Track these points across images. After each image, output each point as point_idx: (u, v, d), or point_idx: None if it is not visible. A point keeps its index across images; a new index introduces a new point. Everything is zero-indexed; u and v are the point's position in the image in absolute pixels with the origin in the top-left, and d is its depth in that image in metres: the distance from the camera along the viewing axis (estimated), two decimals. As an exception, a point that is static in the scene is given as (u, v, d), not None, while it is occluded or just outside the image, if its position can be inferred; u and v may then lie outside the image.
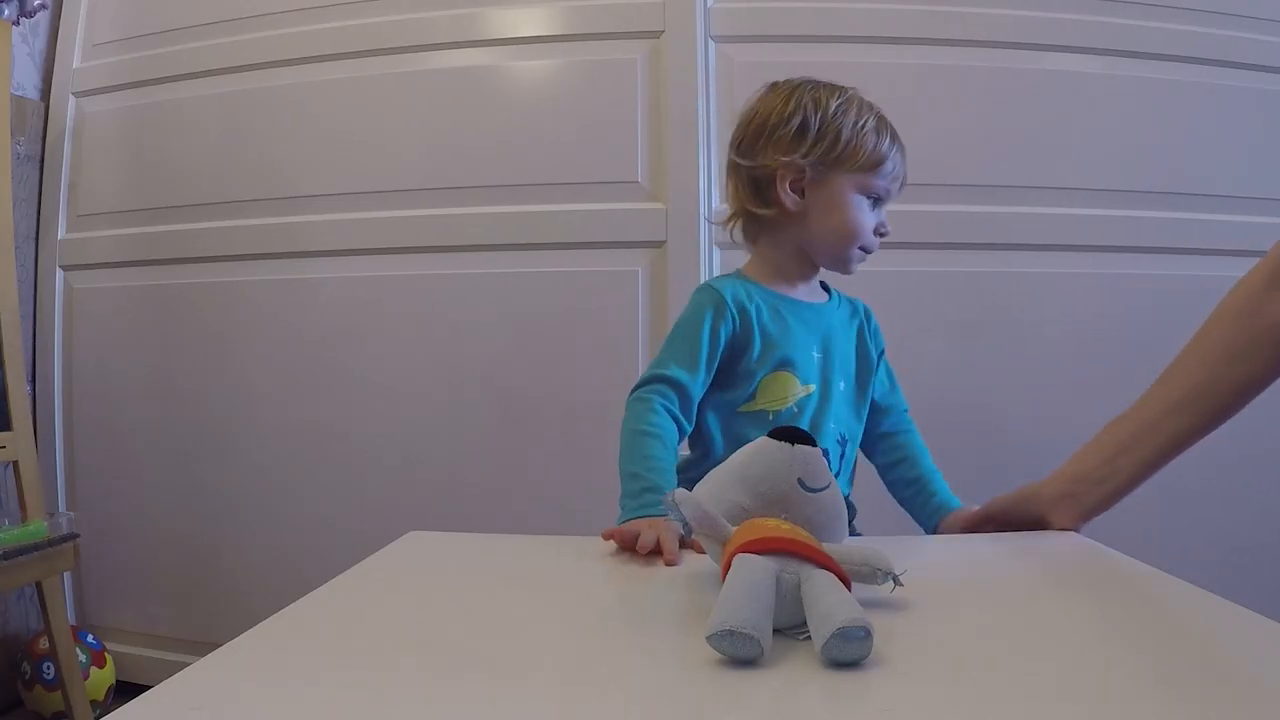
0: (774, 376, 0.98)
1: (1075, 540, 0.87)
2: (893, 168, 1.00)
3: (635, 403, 0.95)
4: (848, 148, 0.98)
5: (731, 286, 1.00)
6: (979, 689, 0.47)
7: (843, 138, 0.98)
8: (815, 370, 1.00)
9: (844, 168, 0.98)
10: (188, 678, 0.47)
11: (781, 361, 0.98)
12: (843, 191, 0.99)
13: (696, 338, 0.96)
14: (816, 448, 0.65)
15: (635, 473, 0.89)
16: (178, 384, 1.91)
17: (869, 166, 0.98)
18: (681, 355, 0.96)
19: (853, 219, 0.99)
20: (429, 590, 0.70)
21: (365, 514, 1.78)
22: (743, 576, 0.53)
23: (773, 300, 1.01)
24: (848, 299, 1.10)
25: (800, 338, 1.00)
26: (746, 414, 0.98)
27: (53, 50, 2.00)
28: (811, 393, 0.99)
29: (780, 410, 0.98)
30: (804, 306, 1.03)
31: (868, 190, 0.99)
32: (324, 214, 1.83)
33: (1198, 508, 1.58)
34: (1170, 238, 1.70)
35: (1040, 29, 1.71)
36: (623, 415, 0.95)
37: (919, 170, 1.68)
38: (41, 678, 1.72)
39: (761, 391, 0.98)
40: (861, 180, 0.99)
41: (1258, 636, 0.55)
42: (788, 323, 1.00)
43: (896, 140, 1.01)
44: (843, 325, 1.06)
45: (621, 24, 1.74)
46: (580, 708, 0.45)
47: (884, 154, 0.99)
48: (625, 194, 1.73)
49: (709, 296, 0.99)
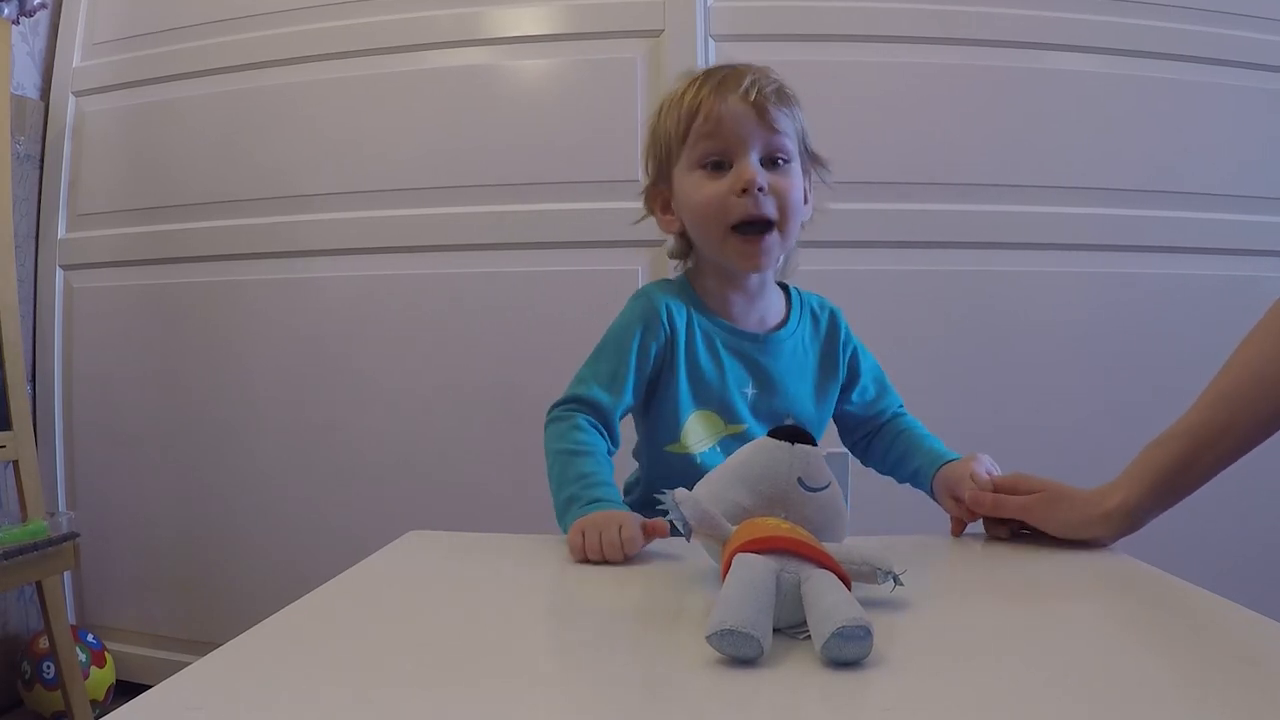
0: (698, 415, 0.91)
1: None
2: (705, 118, 0.86)
3: (556, 422, 0.88)
4: (668, 139, 0.90)
5: (668, 301, 0.91)
6: (979, 689, 0.47)
7: (663, 134, 0.91)
8: (746, 409, 0.92)
9: (674, 161, 0.91)
10: (188, 678, 0.47)
11: (706, 399, 0.91)
12: (682, 186, 0.90)
13: (625, 355, 0.89)
14: (817, 447, 0.65)
15: (571, 495, 0.81)
16: (178, 384, 1.91)
17: (682, 137, 0.88)
18: (604, 374, 0.89)
19: (692, 202, 0.89)
20: (429, 590, 0.70)
21: (365, 514, 1.77)
22: (743, 576, 0.53)
23: (708, 327, 0.92)
24: (813, 312, 0.99)
25: (731, 372, 0.92)
26: (672, 454, 0.92)
27: (53, 50, 2.00)
28: (741, 432, 0.91)
29: (704, 451, 0.91)
30: (742, 337, 0.93)
31: (695, 160, 0.88)
32: (324, 213, 1.82)
33: (1198, 507, 1.58)
34: (1169, 236, 1.70)
35: (1039, 28, 1.71)
36: (543, 435, 0.88)
37: (919, 170, 1.68)
38: (41, 677, 1.72)
39: (687, 432, 0.91)
40: (688, 157, 0.88)
41: (1262, 637, 0.55)
42: (719, 357, 0.92)
43: (707, 85, 0.87)
44: (794, 353, 0.95)
45: (621, 23, 1.74)
46: (580, 708, 0.45)
47: (691, 115, 0.87)
48: (625, 194, 1.72)
49: (642, 308, 0.91)
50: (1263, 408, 0.78)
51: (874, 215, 1.67)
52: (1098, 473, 0.85)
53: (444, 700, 0.45)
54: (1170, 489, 0.80)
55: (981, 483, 0.86)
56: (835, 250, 1.65)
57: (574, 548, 0.75)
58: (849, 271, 1.65)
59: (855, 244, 1.67)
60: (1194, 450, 0.79)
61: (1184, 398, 0.83)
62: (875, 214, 1.67)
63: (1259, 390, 0.78)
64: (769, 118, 0.87)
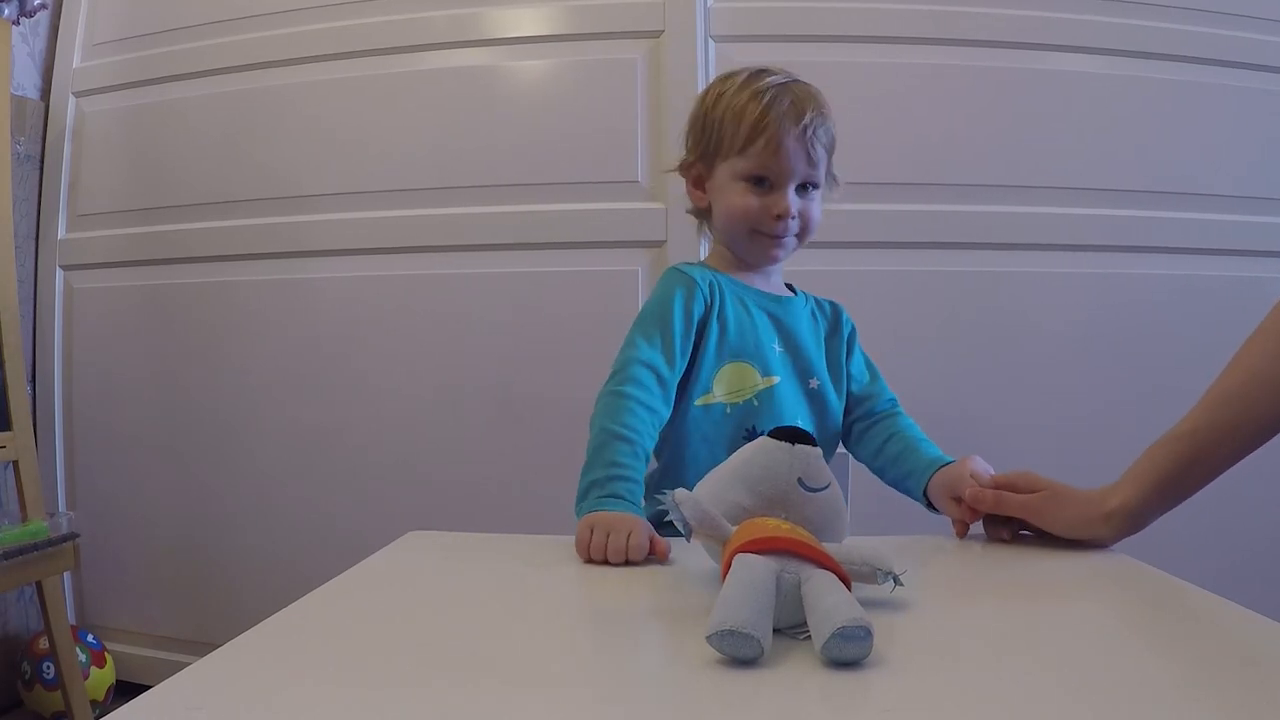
0: (732, 366, 0.95)
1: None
2: (765, 145, 0.93)
3: (609, 396, 0.89)
4: (719, 136, 0.96)
5: (699, 270, 0.98)
6: (979, 689, 0.47)
7: (714, 127, 0.97)
8: (778, 363, 0.97)
9: (721, 156, 0.97)
10: (188, 678, 0.47)
11: (740, 351, 0.95)
12: (723, 179, 0.97)
13: (669, 319, 0.93)
14: (817, 447, 0.65)
15: (596, 480, 0.83)
16: (177, 384, 1.91)
17: (739, 149, 0.95)
18: (654, 337, 0.92)
19: (730, 204, 0.96)
20: (429, 590, 0.70)
21: (365, 514, 1.78)
22: (743, 576, 0.53)
23: (737, 289, 0.99)
24: (815, 300, 1.07)
25: (763, 327, 0.97)
26: (702, 408, 0.94)
27: (53, 50, 2.00)
28: (774, 384, 0.95)
29: (738, 403, 0.94)
30: (767, 298, 1.01)
31: (742, 173, 0.95)
32: (324, 214, 1.82)
33: (1198, 508, 1.58)
34: (1170, 237, 1.70)
35: (1039, 29, 1.71)
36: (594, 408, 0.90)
37: (919, 170, 1.68)
38: (41, 678, 1.72)
39: (719, 382, 0.94)
40: (735, 164, 0.96)
41: (1262, 637, 0.55)
42: (750, 312, 0.98)
43: (774, 111, 0.93)
44: (808, 323, 1.02)
45: (621, 24, 1.74)
46: (580, 708, 0.45)
47: (752, 134, 0.93)
48: (625, 194, 1.73)
49: (677, 278, 0.96)
50: (1265, 409, 0.78)
51: (874, 216, 1.67)
52: (1099, 473, 0.84)
53: (444, 700, 0.45)
54: (1172, 490, 0.80)
55: (982, 480, 0.86)
56: (836, 251, 1.65)
57: (580, 541, 0.76)
58: (850, 272, 1.65)
59: (856, 244, 1.67)
60: (1196, 451, 0.79)
61: (1185, 399, 0.83)
62: (875, 214, 1.67)
63: (1261, 391, 0.78)
64: (814, 155, 0.96)
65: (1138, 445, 0.83)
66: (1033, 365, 1.69)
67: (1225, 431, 0.79)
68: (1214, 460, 0.79)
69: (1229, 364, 0.81)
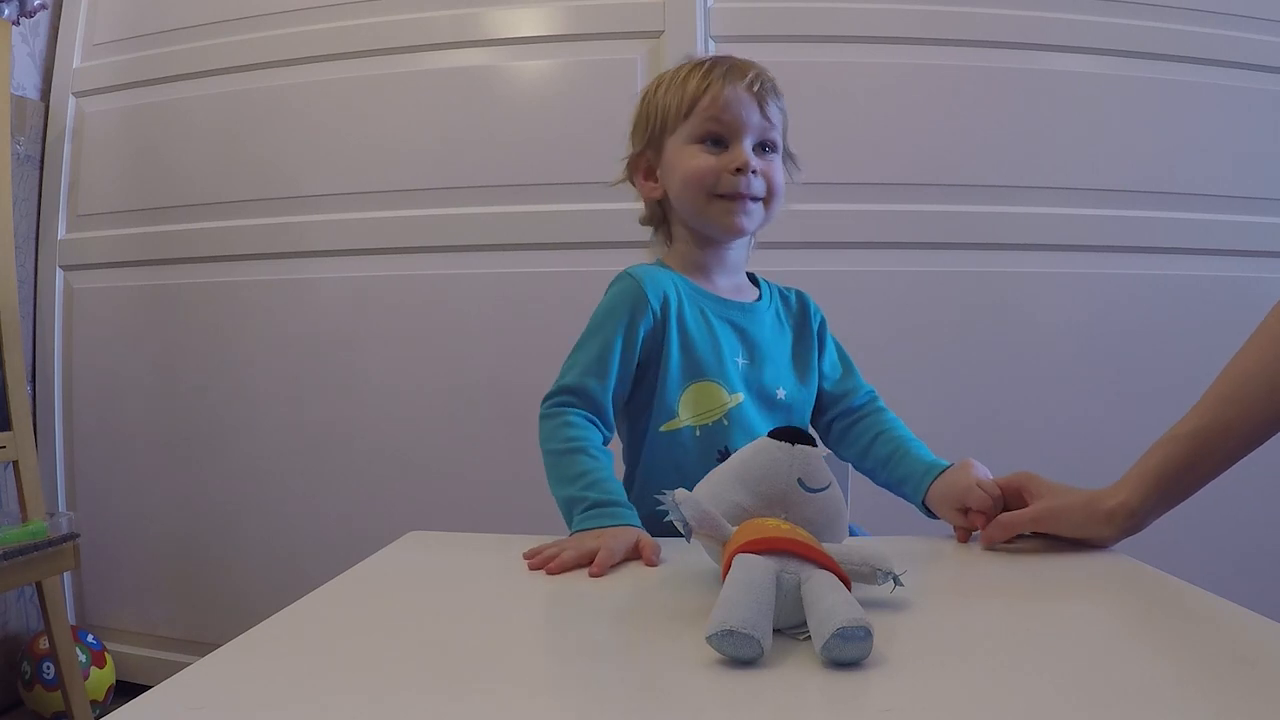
0: (698, 387, 0.91)
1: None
2: (712, 101, 0.92)
3: (546, 420, 0.88)
4: (665, 112, 0.95)
5: (652, 276, 0.93)
6: (979, 689, 0.47)
7: (659, 106, 0.95)
8: (739, 377, 0.92)
9: (668, 131, 0.95)
10: (188, 678, 0.47)
11: (704, 369, 0.91)
12: (674, 152, 0.95)
13: (611, 340, 0.89)
14: (817, 447, 0.65)
15: (570, 496, 0.81)
16: (178, 384, 1.91)
17: (685, 114, 0.93)
18: (592, 361, 0.89)
19: (684, 170, 0.93)
20: (429, 590, 0.70)
21: (365, 514, 1.78)
22: (743, 576, 0.53)
23: (696, 297, 0.94)
24: (780, 291, 1.03)
25: (725, 340, 0.93)
26: (668, 434, 0.90)
27: (53, 50, 2.00)
28: (741, 402, 0.91)
29: (708, 424, 0.90)
30: (729, 306, 0.96)
31: (694, 135, 0.93)
32: (324, 214, 1.82)
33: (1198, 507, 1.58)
34: (1168, 237, 1.70)
35: (1038, 29, 1.71)
36: (537, 434, 0.87)
37: (918, 170, 1.68)
38: (41, 678, 1.72)
39: (685, 405, 0.90)
40: (684, 130, 0.93)
41: (1262, 637, 0.55)
42: (710, 324, 0.93)
43: (716, 72, 0.93)
44: (774, 325, 0.98)
45: (621, 24, 1.74)
46: (580, 708, 0.45)
47: (697, 93, 0.92)
48: (625, 194, 1.72)
49: (626, 288, 0.92)
50: (1265, 409, 0.78)
51: (873, 216, 1.67)
52: (1099, 473, 0.85)
53: (444, 699, 0.45)
54: (1172, 490, 0.80)
55: (989, 489, 0.85)
56: (835, 251, 1.65)
57: (584, 555, 0.73)
58: (848, 273, 1.65)
59: (856, 245, 1.67)
60: (1196, 451, 0.79)
61: (1185, 399, 0.83)
62: (874, 215, 1.67)
63: (1261, 391, 0.78)
64: (767, 110, 0.94)
65: (1138, 445, 0.83)
66: (1032, 365, 1.69)
67: (1226, 432, 0.79)
68: (1214, 460, 0.80)
69: (1229, 364, 0.81)
